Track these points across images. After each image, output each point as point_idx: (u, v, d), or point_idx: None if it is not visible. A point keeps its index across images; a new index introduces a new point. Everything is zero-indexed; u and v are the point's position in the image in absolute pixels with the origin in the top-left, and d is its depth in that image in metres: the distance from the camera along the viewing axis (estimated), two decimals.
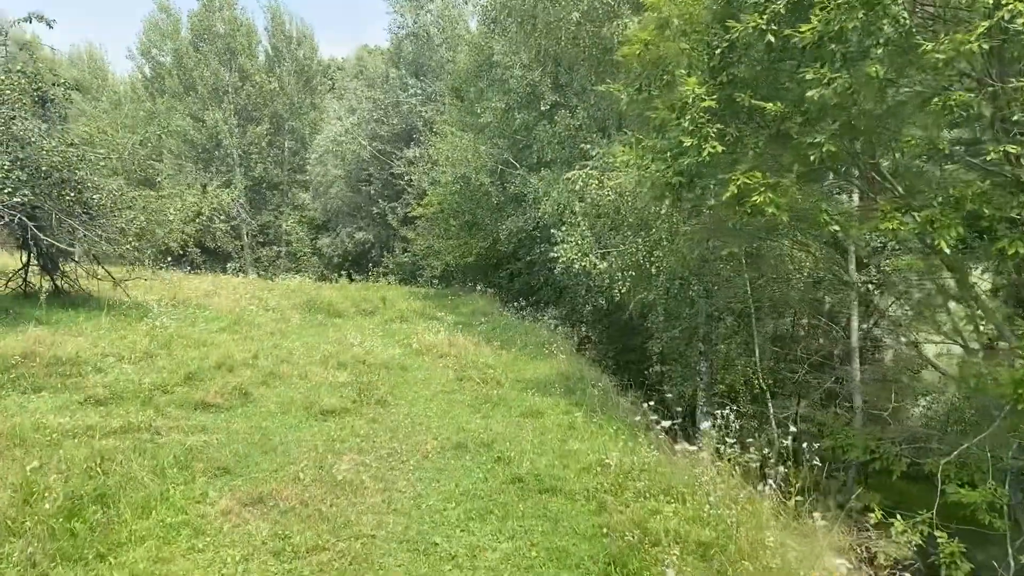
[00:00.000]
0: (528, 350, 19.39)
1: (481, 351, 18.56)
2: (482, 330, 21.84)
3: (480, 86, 29.72)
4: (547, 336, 21.04)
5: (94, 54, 44.64)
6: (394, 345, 19.24)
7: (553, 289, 27.71)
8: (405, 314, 24.36)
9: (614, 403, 14.75)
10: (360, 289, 30.95)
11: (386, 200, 37.59)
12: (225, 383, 13.28)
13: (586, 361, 19.63)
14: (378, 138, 37.16)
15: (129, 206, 22.17)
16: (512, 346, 19.77)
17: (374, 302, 26.02)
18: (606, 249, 17.54)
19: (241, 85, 41.30)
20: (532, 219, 25.86)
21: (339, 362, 15.87)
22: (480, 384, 15.23)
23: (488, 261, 31.06)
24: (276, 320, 21.64)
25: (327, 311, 24.41)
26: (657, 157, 11.76)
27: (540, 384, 15.57)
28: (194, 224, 36.06)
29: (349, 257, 40.55)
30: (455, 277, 34.67)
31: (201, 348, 16.33)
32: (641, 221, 16.59)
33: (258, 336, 18.65)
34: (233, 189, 38.23)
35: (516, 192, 26.20)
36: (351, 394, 13.56)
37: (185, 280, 28.78)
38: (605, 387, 15.88)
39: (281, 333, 19.81)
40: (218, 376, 13.89)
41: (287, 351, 17.06)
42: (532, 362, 18.05)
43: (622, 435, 11.97)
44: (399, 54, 37.92)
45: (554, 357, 18.38)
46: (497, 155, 26.81)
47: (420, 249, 33.81)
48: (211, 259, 40.16)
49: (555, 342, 19.61)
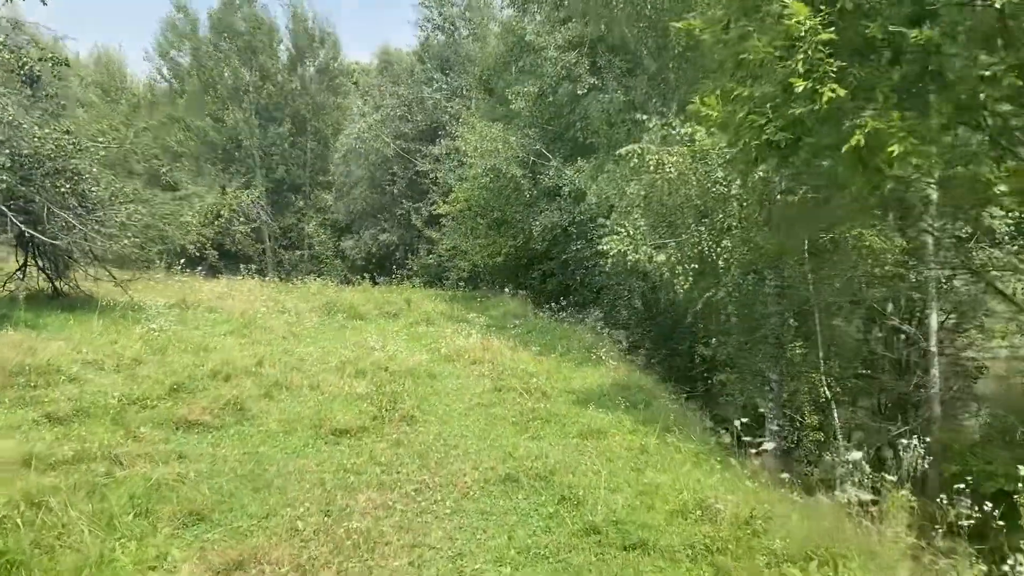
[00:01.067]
0: (571, 356, 16.56)
1: (519, 356, 15.75)
2: (516, 333, 19.04)
3: (511, 74, 27.03)
4: (591, 340, 18.19)
5: (112, 57, 42.35)
6: (420, 350, 16.48)
7: (590, 290, 24.85)
8: (431, 316, 21.59)
9: (686, 419, 11.86)
10: (383, 292, 28.25)
11: (410, 200, 34.92)
12: (218, 396, 10.54)
13: (638, 368, 16.76)
14: (402, 136, 34.48)
15: (131, 199, 19.58)
16: (552, 351, 16.96)
17: (398, 304, 23.28)
18: (662, 240, 14.67)
19: (262, 84, 38.80)
20: (568, 214, 23.04)
21: (357, 370, 13.09)
22: (523, 395, 12.42)
23: (518, 261, 28.25)
24: (291, 323, 18.95)
25: (348, 313, 21.72)
26: (755, 109, 8.91)
27: (593, 396, 12.74)
28: (213, 226, 33.69)
29: (373, 259, 37.86)
30: (483, 279, 31.88)
31: (200, 354, 13.63)
32: (708, 203, 13.73)
33: (268, 340, 15.94)
34: (253, 190, 35.70)
35: (550, 185, 23.40)
36: (370, 409, 10.80)
37: (199, 282, 26.07)
38: (671, 399, 13.01)
39: (295, 337, 17.10)
40: (212, 387, 11.16)
41: (298, 357, 14.34)
42: (579, 369, 15.22)
43: (709, 462, 9.12)
44: (425, 48, 35.25)
45: (603, 364, 15.53)
46: (528, 146, 24.05)
47: (446, 250, 31.06)
48: (231, 262, 37.68)
49: (602, 346, 16.75)
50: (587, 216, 22.83)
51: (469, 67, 33.21)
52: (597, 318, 21.02)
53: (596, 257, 23.27)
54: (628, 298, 21.93)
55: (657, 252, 13.81)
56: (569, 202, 23.07)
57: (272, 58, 39.46)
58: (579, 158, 22.53)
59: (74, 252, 18.04)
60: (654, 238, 14.78)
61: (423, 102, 34.15)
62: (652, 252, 13.81)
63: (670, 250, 14.41)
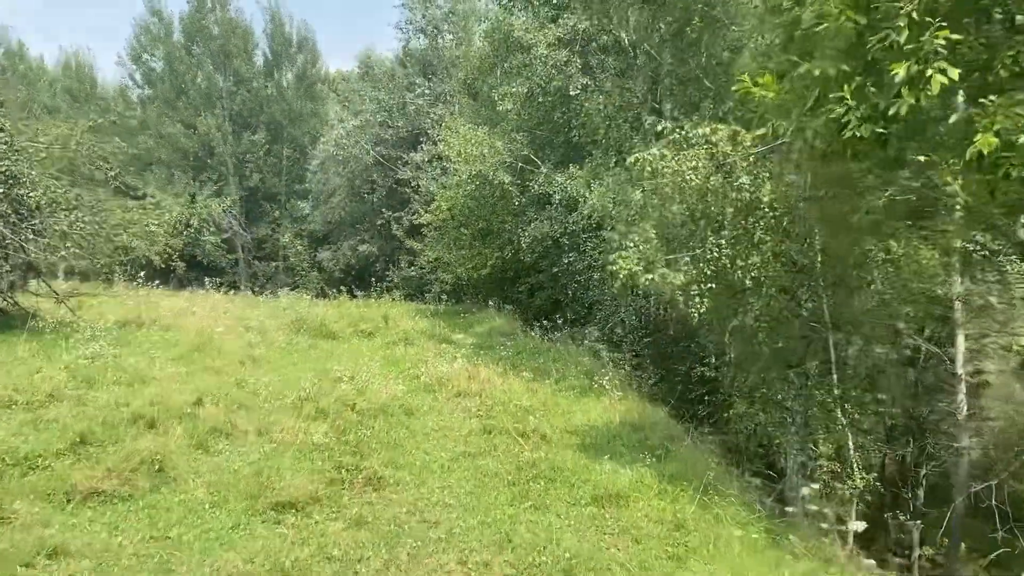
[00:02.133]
0: (569, 382, 14.13)
1: (510, 386, 13.29)
2: (506, 355, 16.55)
3: (496, 76, 24.69)
4: (589, 363, 15.75)
5: (82, 60, 39.55)
6: (396, 377, 13.99)
7: (582, 305, 22.41)
8: (411, 335, 19.06)
9: (719, 471, 9.44)
10: (360, 306, 25.67)
11: (391, 209, 32.38)
12: (133, 451, 7.98)
13: (643, 397, 14.32)
14: (382, 142, 31.97)
15: (74, 206, 16.96)
16: (546, 376, 14.53)
17: (375, 321, 20.72)
18: (673, 255, 12.27)
19: (236, 90, 36.17)
20: (559, 224, 20.62)
21: (318, 409, 10.54)
22: (518, 439, 9.97)
23: (504, 274, 25.78)
24: (253, 344, 16.38)
25: (318, 332, 19.15)
26: (829, 94, 6.52)
27: (601, 438, 10.32)
28: (182, 236, 30.98)
29: (352, 272, 35.27)
30: (466, 292, 29.39)
31: (133, 387, 11.10)
32: (729, 212, 11.35)
33: (220, 368, 13.35)
34: (225, 199, 33.04)
35: (540, 193, 20.97)
36: (328, 467, 8.28)
37: (160, 297, 23.34)
38: (688, 436, 10.62)
39: (253, 362, 14.53)
40: (129, 437, 8.59)
41: (251, 390, 11.79)
42: (579, 401, 12.80)
43: (770, 545, 6.70)
44: (407, 52, 32.78)
45: (606, 393, 13.11)
46: (516, 151, 21.64)
47: (428, 262, 28.54)
48: (203, 274, 34.96)
49: (602, 372, 14.31)
50: (580, 226, 20.45)
51: (453, 71, 30.81)
52: (594, 338, 18.56)
53: (590, 271, 20.91)
54: (624, 314, 19.52)
55: (674, 273, 11.39)
56: (560, 211, 20.68)
57: (247, 63, 36.85)
58: (571, 164, 20.16)
59: (2, 264, 15.39)
60: (664, 253, 12.37)
61: (404, 107, 31.67)
62: (669, 273, 11.40)
63: (683, 266, 12.01)
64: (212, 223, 32.09)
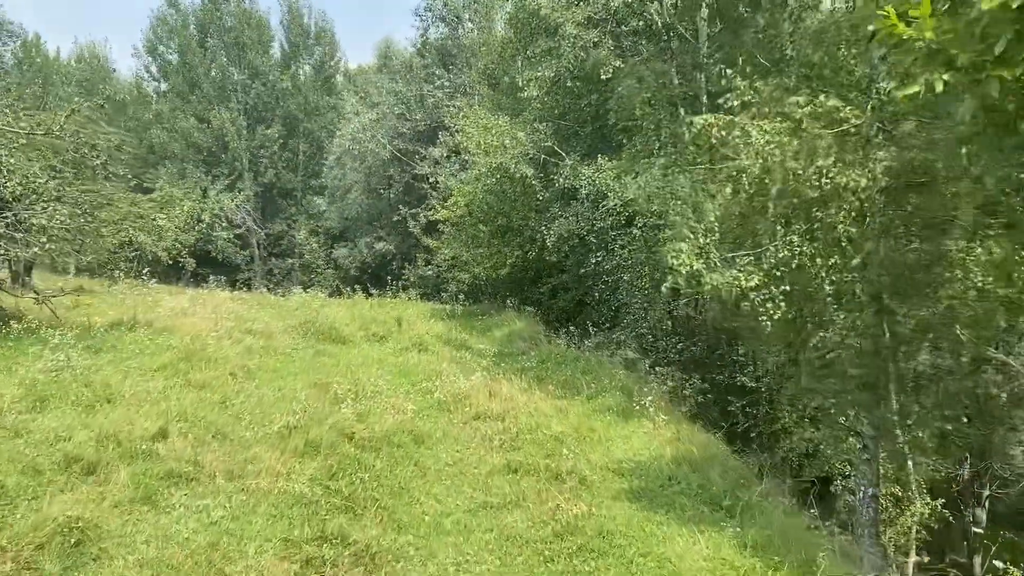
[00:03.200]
0: (603, 400, 11.90)
1: (536, 405, 11.07)
2: (529, 366, 14.34)
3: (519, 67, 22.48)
4: (624, 376, 13.48)
5: (96, 53, 37.63)
6: (407, 391, 11.85)
7: (609, 307, 20.15)
8: (425, 340, 16.86)
9: (815, 537, 7.15)
10: (374, 306, 23.55)
11: (407, 206, 30.24)
12: (48, 516, 5.82)
13: (690, 419, 12.04)
14: (400, 136, 29.81)
15: (56, 197, 14.90)
16: (576, 392, 12.33)
17: (387, 324, 18.55)
18: (732, 252, 10.01)
19: (251, 83, 34.12)
20: (586, 221, 18.33)
21: (308, 441, 8.36)
22: (549, 482, 7.75)
23: (524, 274, 23.57)
24: (252, 351, 14.30)
25: (327, 336, 17.01)
26: None
27: (653, 479, 8.09)
28: (193, 232, 28.98)
29: (368, 269, 33.16)
30: (484, 292, 27.19)
31: (91, 409, 8.99)
32: (811, 200, 9.06)
33: (205, 382, 11.21)
34: (238, 194, 31.00)
35: (566, 187, 18.69)
36: (307, 536, 6.10)
37: (165, 295, 21.24)
38: (772, 490, 8.36)
39: (247, 374, 12.40)
40: (52, 490, 6.44)
41: (235, 412, 9.67)
42: (618, 425, 10.57)
43: None
44: (425, 42, 30.53)
45: (648, 416, 10.86)
46: (539, 142, 19.38)
47: (444, 260, 26.35)
48: (217, 271, 33.00)
49: (645, 390, 12.03)
50: (608, 223, 18.20)
51: (473, 61, 28.54)
52: (627, 345, 16.28)
53: (618, 271, 18.64)
54: (654, 318, 17.25)
55: (741, 273, 9.12)
56: (587, 207, 18.41)
57: (262, 55, 34.78)
58: (600, 156, 17.89)
59: None
60: (725, 248, 10.13)
61: (423, 100, 29.48)
62: (737, 274, 9.13)
63: (748, 266, 9.74)
64: (225, 219, 30.06)
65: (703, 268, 9.39)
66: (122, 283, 22.09)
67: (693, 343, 18.55)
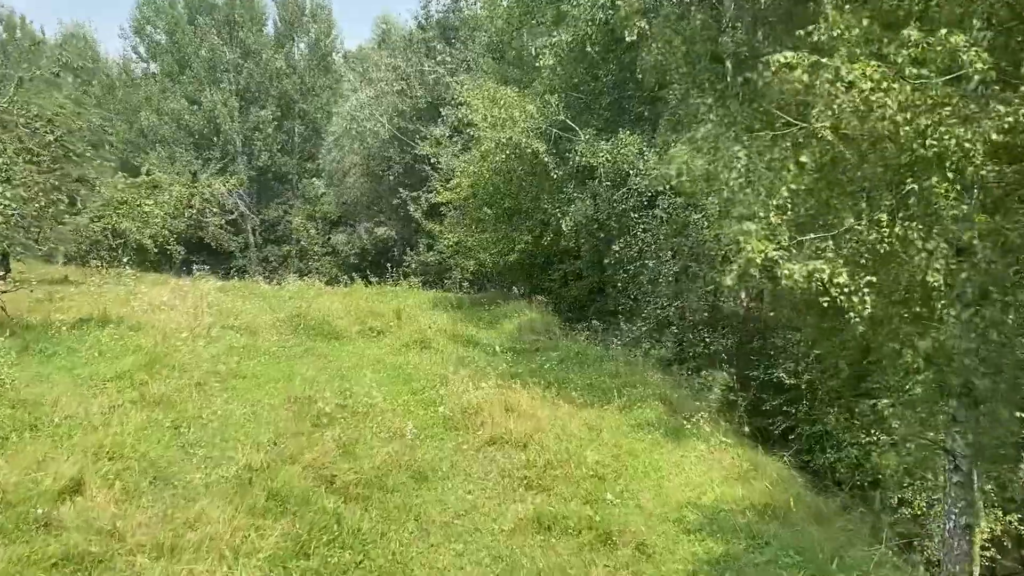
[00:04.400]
0: (642, 413, 9.67)
1: (563, 421, 8.85)
2: (548, 366, 12.09)
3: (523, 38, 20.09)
4: (659, 382, 11.22)
5: (82, 34, 35.08)
6: (407, 403, 9.63)
7: (627, 296, 17.80)
8: (427, 336, 14.61)
9: None
10: (373, 296, 21.30)
11: (408, 189, 27.85)
12: None
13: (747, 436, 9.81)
14: (400, 114, 27.35)
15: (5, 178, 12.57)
16: (607, 401, 10.09)
17: (386, 317, 16.29)
18: (803, 235, 7.69)
19: (243, 63, 31.60)
20: (606, 204, 15.97)
21: (273, 492, 6.11)
22: (595, 548, 5.51)
23: (533, 260, 21.22)
24: (230, 351, 12.09)
25: (319, 331, 14.81)
26: None
27: (730, 540, 5.84)
28: (183, 218, 26.59)
29: (368, 256, 30.80)
30: (490, 279, 24.90)
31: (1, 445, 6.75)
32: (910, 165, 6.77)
33: (165, 394, 9.00)
34: (230, 177, 28.54)
35: (581, 165, 16.30)
36: None
37: (149, 285, 18.81)
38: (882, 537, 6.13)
39: (218, 382, 10.18)
40: None
41: (185, 445, 7.42)
42: (664, 446, 8.36)
43: None
44: (427, 13, 27.96)
45: (699, 433, 8.61)
46: (550, 116, 17.02)
47: (447, 246, 24.02)
48: (211, 260, 30.68)
49: (691, 400, 9.78)
50: (629, 205, 15.91)
51: (477, 35, 26.05)
52: (652, 338, 13.96)
53: (642, 256, 16.30)
54: (693, 308, 14.92)
55: (833, 267, 6.83)
56: (607, 187, 16.07)
57: (255, 33, 32.21)
58: (621, 130, 15.57)
59: None
60: (792, 232, 7.80)
61: (423, 76, 26.99)
62: (825, 267, 6.83)
63: (827, 254, 7.43)
64: (216, 203, 27.66)
65: (780, 256, 7.11)
66: (107, 273, 20.16)
67: (722, 335, 16.20)
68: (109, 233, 22.03)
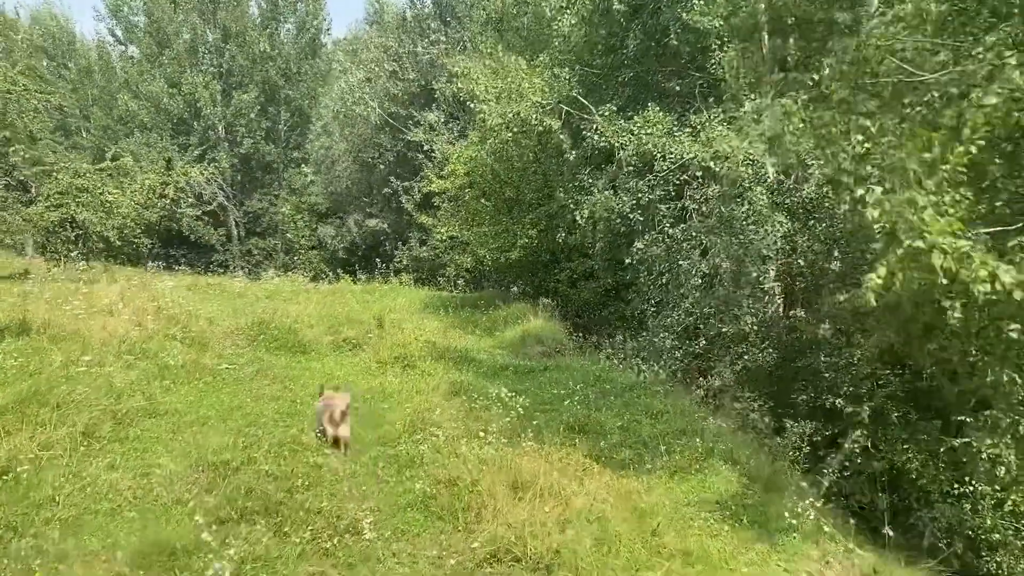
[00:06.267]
0: (702, 483, 6.48)
1: (599, 506, 5.61)
2: (569, 404, 8.80)
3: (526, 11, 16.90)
4: (716, 429, 7.98)
5: (57, 15, 31.68)
6: (373, 460, 6.43)
7: (646, 301, 14.55)
8: (412, 350, 11.38)
9: None
10: (356, 295, 18.08)
11: (400, 179, 24.61)
12: None
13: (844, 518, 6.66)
14: (392, 99, 24.07)
15: None
16: (653, 460, 6.88)
17: (365, 324, 13.09)
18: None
19: (224, 44, 28.20)
20: (630, 194, 12.69)
21: None
22: None
23: (538, 257, 18.02)
24: (163, 372, 8.96)
25: (282, 342, 11.64)
26: None
27: None
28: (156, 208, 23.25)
29: (358, 251, 27.56)
30: (488, 277, 21.72)
31: None
32: None
33: (15, 453, 5.76)
34: (208, 165, 25.24)
35: (600, 146, 13.04)
36: None
37: (99, 284, 15.38)
38: None
39: (119, 425, 6.99)
40: None
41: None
42: (748, 548, 5.13)
43: None
44: None
45: (805, 534, 5.40)
46: (561, 91, 13.79)
47: (441, 240, 20.79)
48: (192, 253, 27.36)
49: (784, 468, 6.58)
50: (656, 196, 12.69)
51: (475, 12, 22.76)
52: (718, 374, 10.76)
53: (671, 254, 13.06)
54: (745, 313, 11.70)
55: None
56: (629, 174, 12.82)
57: (236, 13, 28.78)
58: (650, 105, 12.34)
59: None
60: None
61: (416, 57, 23.68)
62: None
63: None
64: (192, 193, 24.35)
65: (989, 262, 3.99)
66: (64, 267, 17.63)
67: (760, 350, 12.95)
68: (68, 224, 19.05)
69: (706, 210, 12.72)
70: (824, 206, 12.62)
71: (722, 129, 11.54)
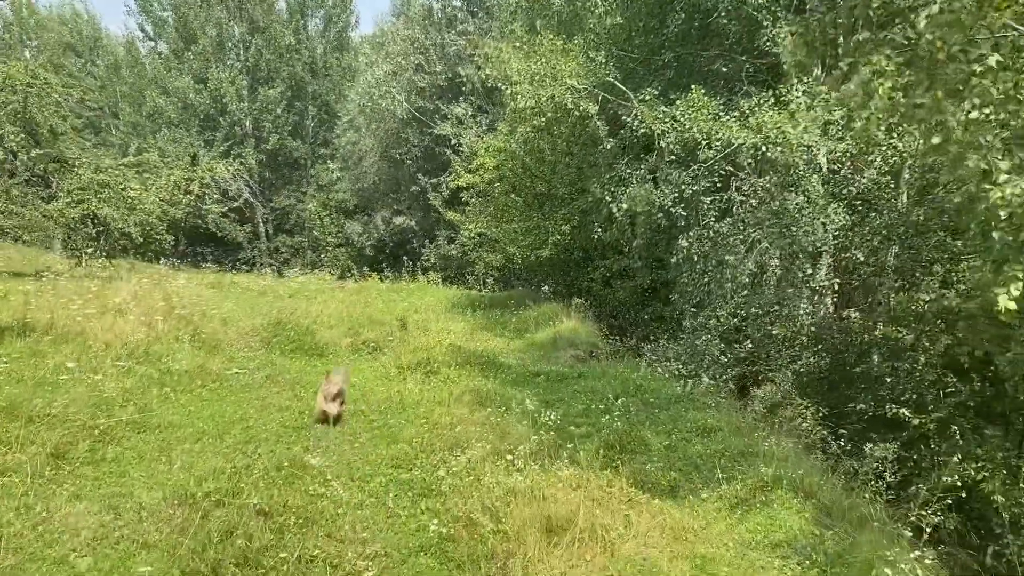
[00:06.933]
0: (775, 521, 5.33)
1: (648, 552, 4.50)
2: (609, 419, 7.71)
3: None
4: (778, 449, 6.81)
5: (83, 12, 31.36)
6: (384, 487, 5.42)
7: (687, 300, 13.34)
8: (435, 354, 10.34)
9: None
10: (382, 294, 17.25)
11: (427, 175, 23.68)
12: None
13: None
14: (419, 92, 23.14)
15: None
16: (708, 487, 5.77)
17: (387, 326, 12.17)
18: None
19: (251, 39, 27.54)
20: (673, 186, 11.52)
21: None
22: None
23: (570, 254, 16.94)
24: (164, 377, 8.08)
25: (298, 343, 10.73)
26: None
27: None
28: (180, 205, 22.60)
29: (385, 248, 26.74)
30: (518, 275, 20.67)
31: None
32: None
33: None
34: (233, 161, 24.54)
35: (642, 133, 11.88)
36: None
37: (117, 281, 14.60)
38: None
39: (99, 442, 6.07)
40: None
41: None
42: None
43: None
44: None
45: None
46: (598, 74, 12.67)
47: (469, 237, 19.79)
48: (220, 251, 26.81)
49: (863, 502, 5.43)
50: (701, 188, 11.51)
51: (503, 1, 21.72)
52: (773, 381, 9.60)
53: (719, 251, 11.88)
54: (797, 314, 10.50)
55: None
56: (672, 163, 11.65)
57: (264, 7, 28.07)
58: (694, 87, 11.16)
59: None
60: None
61: (443, 49, 22.70)
62: None
63: None
64: (217, 189, 23.68)
65: None
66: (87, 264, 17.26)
67: (814, 353, 11.72)
68: (89, 220, 18.54)
69: (755, 202, 11.55)
70: (884, 197, 11.44)
71: (772, 114, 10.36)
